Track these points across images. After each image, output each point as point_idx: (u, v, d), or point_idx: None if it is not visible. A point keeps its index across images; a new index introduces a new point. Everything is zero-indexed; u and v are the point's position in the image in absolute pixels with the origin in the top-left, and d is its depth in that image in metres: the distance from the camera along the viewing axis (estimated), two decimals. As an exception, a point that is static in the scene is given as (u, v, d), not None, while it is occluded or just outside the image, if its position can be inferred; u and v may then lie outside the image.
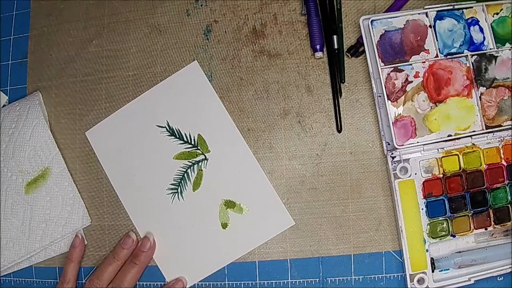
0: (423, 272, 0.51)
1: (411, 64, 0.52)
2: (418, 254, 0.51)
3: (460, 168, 0.52)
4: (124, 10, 0.60)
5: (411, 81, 0.52)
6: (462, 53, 0.52)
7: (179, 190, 0.56)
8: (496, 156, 0.52)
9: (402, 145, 0.51)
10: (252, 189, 0.55)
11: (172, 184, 0.56)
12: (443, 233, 0.52)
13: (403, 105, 0.52)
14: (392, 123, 0.51)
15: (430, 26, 0.52)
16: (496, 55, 0.52)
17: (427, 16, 0.52)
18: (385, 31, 0.52)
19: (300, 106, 0.56)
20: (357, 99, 0.55)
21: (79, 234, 0.56)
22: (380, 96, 0.52)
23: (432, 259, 0.51)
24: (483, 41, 0.52)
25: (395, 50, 0.52)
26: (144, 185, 0.56)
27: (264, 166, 0.55)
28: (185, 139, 0.56)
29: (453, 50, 0.52)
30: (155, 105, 0.57)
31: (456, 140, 0.52)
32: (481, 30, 0.52)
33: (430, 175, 0.52)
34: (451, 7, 0.52)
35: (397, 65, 0.52)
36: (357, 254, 0.53)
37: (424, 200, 0.52)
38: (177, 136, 0.56)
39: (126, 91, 0.58)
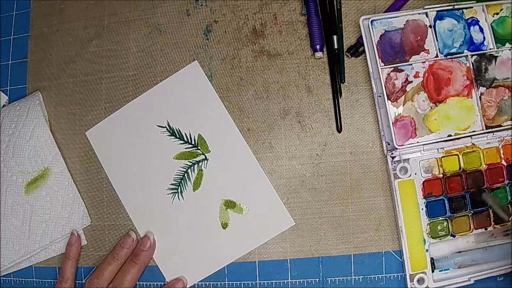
0: (423, 272, 0.51)
1: (411, 64, 0.52)
2: (418, 254, 0.51)
3: (460, 168, 0.52)
4: (124, 10, 0.60)
5: (411, 81, 0.52)
6: (462, 53, 0.52)
7: (179, 190, 0.56)
8: (496, 156, 0.52)
9: (402, 145, 0.51)
10: (252, 189, 0.55)
11: (172, 184, 0.56)
12: (443, 233, 0.52)
13: (403, 105, 0.52)
14: (392, 123, 0.51)
15: (430, 26, 0.52)
16: (496, 55, 0.52)
17: (427, 16, 0.52)
18: (385, 31, 0.52)
19: (300, 106, 0.56)
20: (357, 99, 0.55)
21: (75, 232, 0.56)
22: (380, 96, 0.52)
23: (432, 259, 0.51)
24: (483, 41, 0.52)
25: (395, 50, 0.52)
26: (145, 185, 0.56)
27: (264, 166, 0.55)
28: (185, 139, 0.56)
29: (453, 50, 0.52)
30: (156, 105, 0.57)
31: (456, 140, 0.52)
32: (481, 30, 0.52)
33: (430, 175, 0.52)
34: (451, 7, 0.52)
35: (397, 65, 0.52)
36: (357, 254, 0.53)
37: (424, 200, 0.52)
38: (178, 136, 0.56)
39: (126, 91, 0.58)
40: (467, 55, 0.52)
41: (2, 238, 0.56)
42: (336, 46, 0.55)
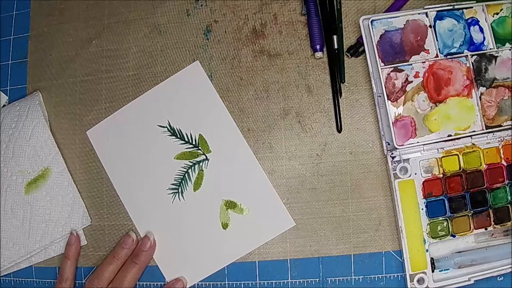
0: (423, 272, 0.51)
1: (411, 64, 0.52)
2: (418, 254, 0.51)
3: (460, 168, 0.52)
4: (124, 10, 0.60)
5: (411, 81, 0.52)
6: (462, 53, 0.52)
7: (179, 190, 0.56)
8: (496, 156, 0.52)
9: (402, 145, 0.51)
10: (253, 189, 0.55)
11: (173, 184, 0.56)
12: (443, 233, 0.52)
13: (403, 105, 0.52)
14: (392, 123, 0.51)
15: (430, 26, 0.52)
16: (496, 55, 0.52)
17: (427, 16, 0.52)
18: (385, 31, 0.52)
19: (300, 106, 0.56)
20: (357, 99, 0.55)
21: (74, 232, 0.56)
22: (380, 96, 0.52)
23: (432, 259, 0.51)
24: (483, 41, 0.52)
25: (395, 50, 0.52)
26: (145, 185, 0.56)
27: (264, 166, 0.55)
28: (186, 139, 0.56)
29: (453, 50, 0.52)
30: (157, 104, 0.57)
31: (456, 140, 0.52)
32: (481, 30, 0.52)
33: (430, 175, 0.52)
34: (451, 7, 0.52)
35: (397, 65, 0.52)
36: (357, 254, 0.53)
37: (424, 200, 0.52)
38: (178, 136, 0.56)
39: (126, 91, 0.58)
40: (467, 55, 0.52)
41: (2, 238, 0.56)
42: (336, 46, 0.55)
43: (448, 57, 0.52)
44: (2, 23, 0.62)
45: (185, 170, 0.56)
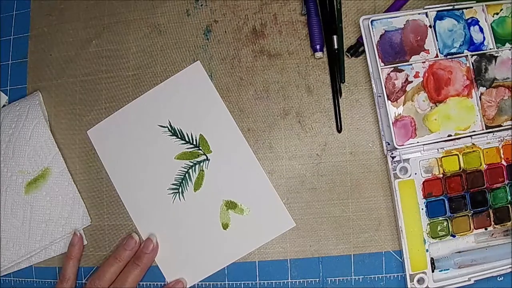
0: (423, 272, 0.51)
1: (411, 64, 0.52)
2: (418, 254, 0.51)
3: (460, 168, 0.52)
4: (124, 10, 0.60)
5: (411, 81, 0.52)
6: (462, 53, 0.52)
7: (180, 190, 0.56)
8: (496, 156, 0.52)
9: (402, 145, 0.51)
10: (253, 190, 0.55)
11: (173, 184, 0.56)
12: (443, 233, 0.52)
13: (403, 105, 0.52)
14: (392, 123, 0.51)
15: (430, 26, 0.52)
16: (496, 55, 0.52)
17: (427, 16, 0.52)
18: (385, 31, 0.52)
19: (300, 106, 0.56)
20: (357, 99, 0.55)
21: (77, 232, 0.56)
22: (380, 96, 0.52)
23: (432, 259, 0.51)
24: (483, 41, 0.52)
25: (395, 50, 0.52)
26: (146, 184, 0.56)
27: (264, 166, 0.55)
28: (186, 139, 0.56)
29: (453, 50, 0.52)
30: (158, 104, 0.57)
31: (456, 140, 0.52)
32: (481, 30, 0.52)
33: (430, 175, 0.52)
34: (451, 7, 0.52)
35: (397, 65, 0.52)
36: (357, 254, 0.54)
37: (424, 200, 0.52)
38: (179, 136, 0.56)
39: (126, 91, 0.58)
40: (467, 55, 0.52)
41: (2, 238, 0.56)
42: (336, 46, 0.55)
43: (448, 57, 0.52)
44: (2, 23, 0.62)
45: (186, 170, 0.56)
